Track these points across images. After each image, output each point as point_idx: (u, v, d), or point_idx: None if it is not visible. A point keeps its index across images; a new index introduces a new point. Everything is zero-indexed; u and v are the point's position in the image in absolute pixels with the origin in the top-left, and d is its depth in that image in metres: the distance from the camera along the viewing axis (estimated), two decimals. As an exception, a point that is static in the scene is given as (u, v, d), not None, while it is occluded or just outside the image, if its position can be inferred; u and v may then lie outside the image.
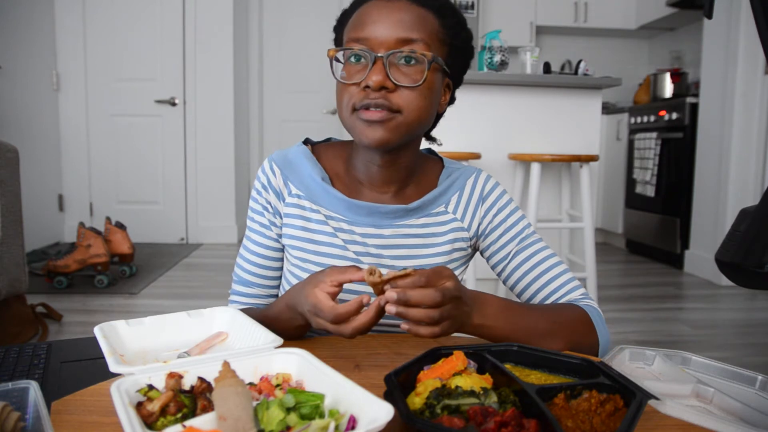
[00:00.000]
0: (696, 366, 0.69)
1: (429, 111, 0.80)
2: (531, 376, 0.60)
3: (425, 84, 0.77)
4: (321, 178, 0.86)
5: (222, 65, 4.32)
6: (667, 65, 4.93)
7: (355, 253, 0.85)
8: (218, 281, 3.24)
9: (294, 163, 0.88)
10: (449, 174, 0.91)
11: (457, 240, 0.89)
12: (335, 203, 0.86)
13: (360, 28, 0.77)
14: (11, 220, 2.05)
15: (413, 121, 0.78)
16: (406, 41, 0.75)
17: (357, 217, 0.86)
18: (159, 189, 4.41)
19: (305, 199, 0.87)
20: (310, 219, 0.86)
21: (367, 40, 0.76)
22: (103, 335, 0.65)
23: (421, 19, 0.77)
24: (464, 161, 2.52)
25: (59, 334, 2.37)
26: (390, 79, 0.75)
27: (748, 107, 3.33)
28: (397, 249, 0.86)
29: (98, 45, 4.27)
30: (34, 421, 0.50)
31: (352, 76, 0.77)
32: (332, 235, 0.86)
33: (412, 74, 0.76)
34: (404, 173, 0.87)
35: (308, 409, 0.49)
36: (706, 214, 3.61)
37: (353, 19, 0.80)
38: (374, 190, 0.87)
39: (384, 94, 0.75)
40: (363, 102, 0.76)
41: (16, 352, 0.91)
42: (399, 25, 0.75)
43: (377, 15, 0.76)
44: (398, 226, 0.86)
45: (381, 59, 0.75)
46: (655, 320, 2.75)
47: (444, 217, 0.89)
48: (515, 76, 2.71)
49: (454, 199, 0.90)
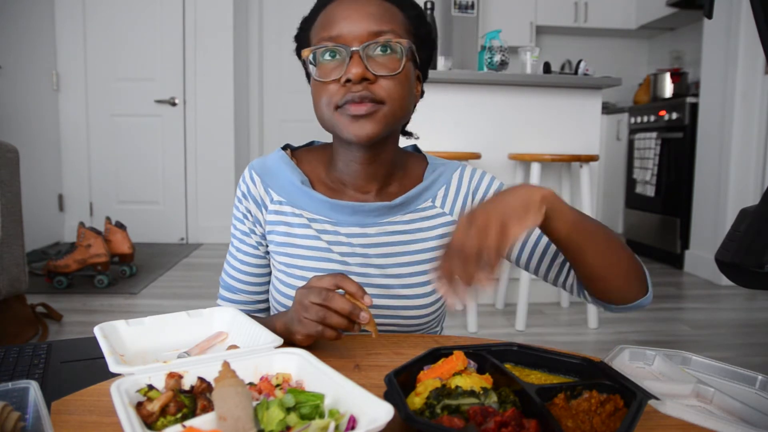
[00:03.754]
0: (696, 366, 0.69)
1: (409, 100, 0.81)
2: (531, 376, 0.60)
3: (403, 72, 0.77)
4: (300, 181, 0.86)
5: (222, 65, 4.32)
6: (667, 65, 4.93)
7: (341, 254, 0.85)
8: (218, 281, 3.23)
9: (273, 170, 0.88)
10: (434, 169, 0.91)
11: (447, 234, 0.89)
12: (317, 205, 0.85)
13: (330, 27, 0.77)
14: (11, 220, 2.05)
15: (397, 110, 0.78)
16: (379, 33, 0.76)
17: (341, 216, 0.85)
18: (159, 189, 4.41)
19: (287, 205, 0.86)
20: (292, 224, 0.86)
21: (339, 37, 0.76)
22: (103, 335, 0.65)
23: (387, 11, 0.78)
24: (464, 161, 2.52)
25: (59, 334, 2.37)
26: (369, 70, 0.75)
27: (748, 107, 3.33)
28: (384, 247, 0.86)
29: (98, 45, 4.27)
30: (34, 421, 0.50)
31: (329, 74, 0.76)
32: (315, 238, 0.85)
33: (389, 63, 0.76)
34: (386, 169, 0.86)
35: (308, 409, 0.49)
36: (706, 214, 3.61)
37: (320, 20, 0.79)
38: (357, 189, 0.87)
39: (366, 85, 0.75)
40: (345, 97, 0.76)
41: (16, 352, 0.91)
42: (369, 19, 0.76)
43: (346, 12, 0.76)
44: (384, 224, 0.86)
45: (357, 52, 0.75)
46: (655, 320, 2.75)
47: (431, 212, 0.88)
48: (515, 76, 2.71)
49: (441, 192, 0.89)
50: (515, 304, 2.74)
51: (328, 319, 0.66)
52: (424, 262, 0.86)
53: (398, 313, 0.85)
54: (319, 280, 0.70)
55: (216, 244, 4.36)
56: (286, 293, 0.86)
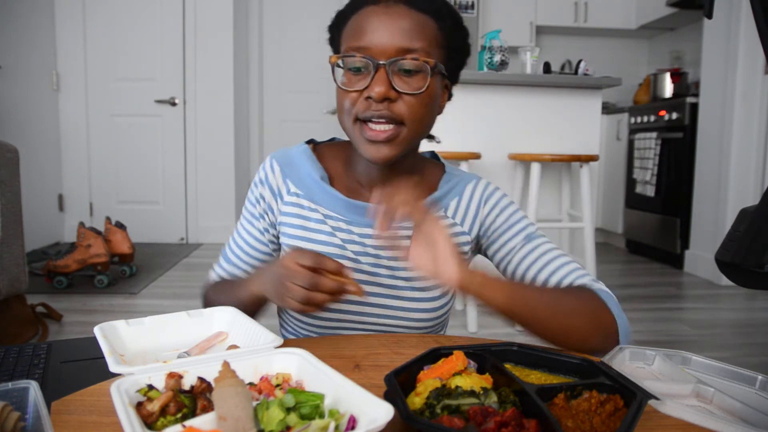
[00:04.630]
0: (696, 366, 0.69)
1: (431, 119, 0.81)
2: (531, 376, 0.60)
3: (427, 92, 0.77)
4: (320, 177, 0.87)
5: (222, 65, 4.32)
6: (667, 65, 4.93)
7: (354, 253, 0.86)
8: (218, 281, 3.23)
9: (294, 162, 0.89)
10: (449, 179, 0.91)
11: (458, 244, 0.89)
12: (334, 202, 0.86)
13: (359, 37, 0.76)
14: (11, 220, 2.05)
15: (416, 131, 0.79)
16: (407, 50, 0.75)
17: (355, 216, 0.86)
18: (159, 189, 4.41)
19: (304, 198, 0.87)
20: (309, 218, 0.87)
21: (367, 48, 0.75)
22: (103, 335, 0.65)
23: (420, 25, 0.76)
24: (464, 161, 2.52)
25: (59, 334, 2.37)
26: (393, 87, 0.75)
27: (748, 107, 3.33)
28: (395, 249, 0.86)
29: (98, 45, 4.27)
30: (34, 421, 0.50)
31: (354, 84, 0.77)
32: (330, 234, 0.86)
33: (414, 82, 0.76)
34: (404, 175, 0.87)
35: (308, 409, 0.49)
36: (706, 214, 3.61)
37: (351, 26, 0.79)
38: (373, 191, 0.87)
39: (387, 105, 0.75)
40: (366, 113, 0.76)
41: (16, 352, 0.91)
42: (399, 34, 0.75)
43: (377, 23, 0.76)
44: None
45: (383, 67, 0.75)
46: (655, 320, 2.75)
47: (443, 221, 0.89)
48: (515, 76, 2.71)
49: (453, 204, 0.90)
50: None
51: (312, 299, 0.68)
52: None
53: (405, 315, 0.86)
54: (300, 255, 0.69)
55: (216, 244, 4.36)
56: None
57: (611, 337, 0.75)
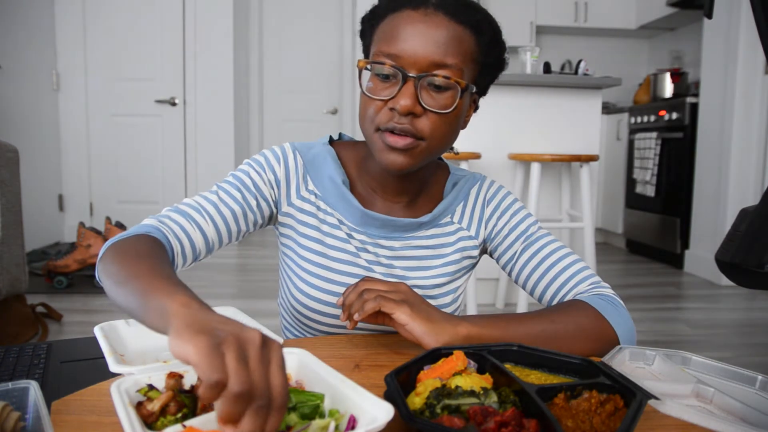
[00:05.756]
0: (696, 366, 0.69)
1: (453, 136, 0.79)
2: (531, 376, 0.60)
3: (453, 112, 0.75)
4: (342, 181, 0.85)
5: (222, 65, 4.32)
6: (667, 65, 4.93)
7: (367, 261, 0.86)
8: (219, 281, 3.24)
9: (318, 161, 0.87)
10: (455, 182, 0.91)
11: (466, 248, 0.90)
12: (349, 210, 0.85)
13: (392, 42, 0.73)
14: (11, 220, 2.05)
15: (436, 147, 0.77)
16: (440, 65, 0.72)
17: (369, 227, 0.85)
18: (159, 189, 4.41)
19: (321, 200, 0.86)
20: (324, 221, 0.86)
21: (398, 57, 0.72)
22: (103, 335, 0.65)
23: (456, 39, 0.73)
24: (464, 161, 2.52)
25: (59, 334, 2.37)
26: (419, 103, 0.73)
27: (748, 107, 3.33)
28: (408, 260, 0.87)
29: (98, 45, 4.27)
30: (34, 421, 0.50)
31: (380, 92, 0.74)
32: (345, 241, 0.85)
33: (442, 99, 0.73)
34: (418, 185, 0.87)
35: (308, 409, 0.49)
36: (706, 214, 3.61)
37: (386, 27, 0.75)
38: (387, 199, 0.87)
39: (410, 119, 0.73)
40: (388, 125, 0.74)
41: (16, 352, 0.91)
42: (434, 46, 0.72)
43: (412, 30, 0.72)
44: (408, 239, 0.87)
45: (412, 80, 0.72)
46: (655, 320, 2.75)
47: (450, 228, 0.89)
48: (515, 76, 2.71)
49: (459, 209, 0.90)
50: (515, 303, 2.74)
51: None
52: (442, 275, 0.88)
53: None
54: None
55: (216, 244, 4.35)
56: (310, 288, 0.85)
57: (612, 344, 0.75)
